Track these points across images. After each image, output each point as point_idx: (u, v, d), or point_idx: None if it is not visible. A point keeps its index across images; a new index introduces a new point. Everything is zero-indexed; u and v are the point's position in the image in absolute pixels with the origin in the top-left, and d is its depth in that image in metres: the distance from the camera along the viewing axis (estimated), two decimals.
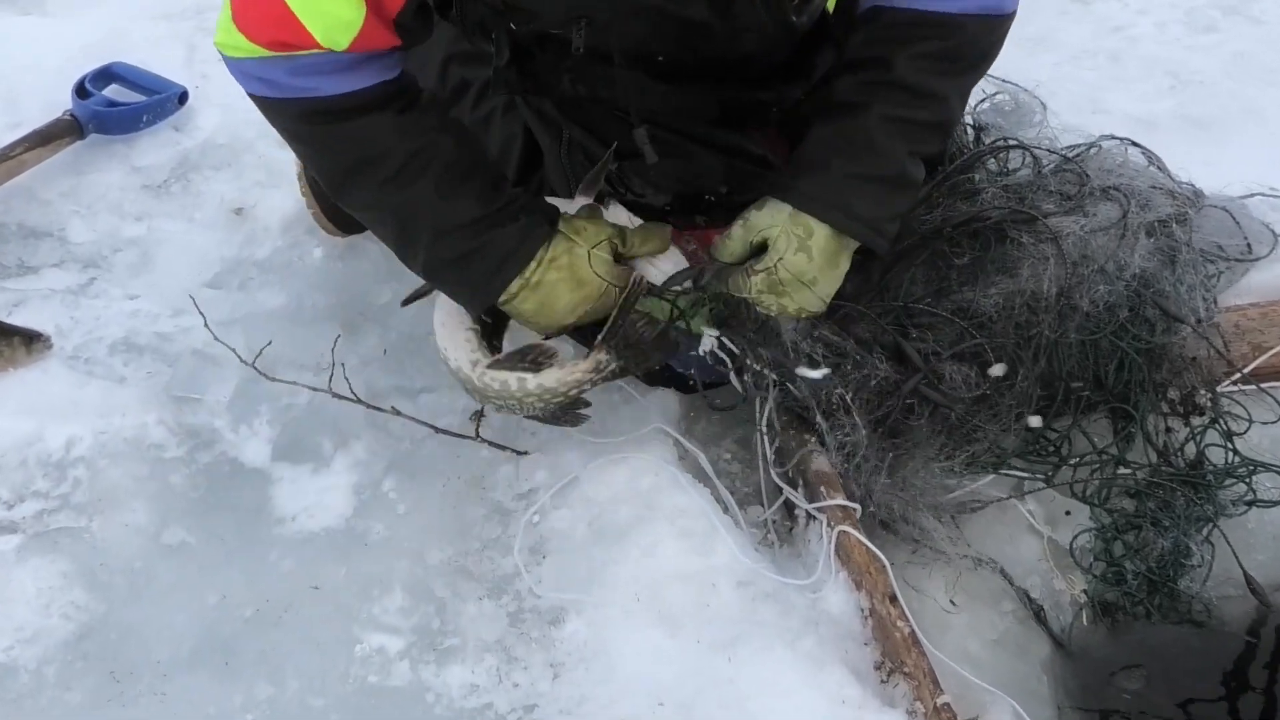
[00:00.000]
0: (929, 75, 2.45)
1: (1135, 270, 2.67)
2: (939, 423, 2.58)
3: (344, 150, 2.44)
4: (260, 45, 2.29)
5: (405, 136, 2.41)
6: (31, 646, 2.44)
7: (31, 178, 3.37)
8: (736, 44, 2.51)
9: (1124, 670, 2.48)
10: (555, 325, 2.50)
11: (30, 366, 2.88)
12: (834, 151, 2.45)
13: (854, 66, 2.49)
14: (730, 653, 2.39)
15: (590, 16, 2.40)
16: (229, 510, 2.69)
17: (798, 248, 2.44)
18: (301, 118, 2.42)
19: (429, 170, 2.41)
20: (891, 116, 2.43)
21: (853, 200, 2.44)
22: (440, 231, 2.43)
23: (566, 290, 2.45)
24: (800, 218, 2.44)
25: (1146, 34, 4.05)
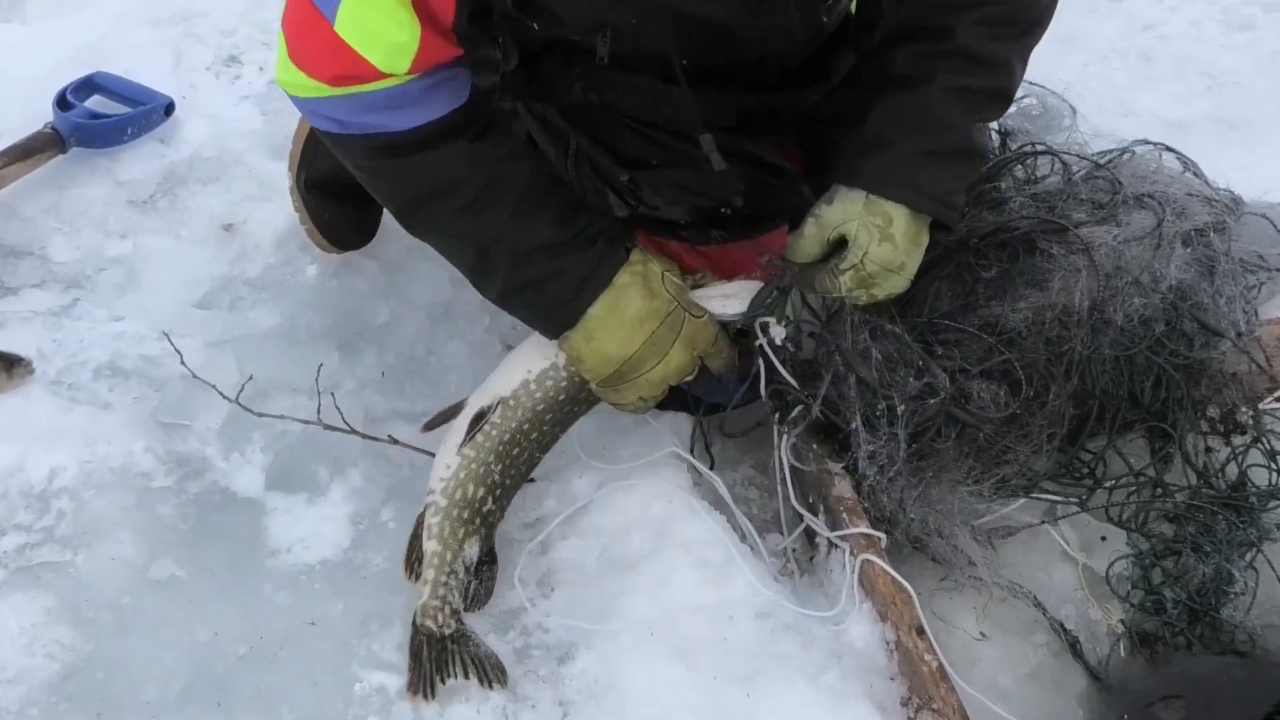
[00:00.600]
0: (990, 41, 2.48)
1: (1172, 282, 2.67)
2: (967, 444, 2.56)
3: (416, 182, 2.47)
4: (323, 81, 2.33)
5: (479, 165, 2.45)
6: (14, 687, 2.42)
7: (11, 194, 3.35)
8: (761, 47, 2.53)
9: (1163, 701, 2.46)
10: (620, 345, 2.51)
11: (11, 392, 2.87)
12: (898, 128, 2.48)
13: (910, 37, 2.51)
14: (749, 687, 2.39)
15: (616, 24, 2.42)
16: (220, 542, 2.68)
17: (880, 238, 2.46)
18: (370, 153, 2.45)
19: (505, 197, 2.45)
20: (954, 87, 2.47)
21: (922, 177, 2.47)
22: (518, 257, 2.47)
23: (638, 297, 2.49)
24: (876, 205, 2.46)
25: (1179, 32, 4.05)
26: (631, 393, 2.57)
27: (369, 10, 2.24)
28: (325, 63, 2.31)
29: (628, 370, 2.53)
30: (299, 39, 2.34)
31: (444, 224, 2.51)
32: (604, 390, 2.58)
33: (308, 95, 2.39)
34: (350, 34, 2.25)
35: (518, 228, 2.46)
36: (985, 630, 2.57)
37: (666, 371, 2.55)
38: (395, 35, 2.26)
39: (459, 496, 2.53)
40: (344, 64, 2.29)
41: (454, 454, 2.56)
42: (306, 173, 3.09)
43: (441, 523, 2.52)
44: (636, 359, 2.52)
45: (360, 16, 2.24)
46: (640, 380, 2.55)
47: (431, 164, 2.43)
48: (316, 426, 2.76)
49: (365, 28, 2.25)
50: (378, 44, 2.27)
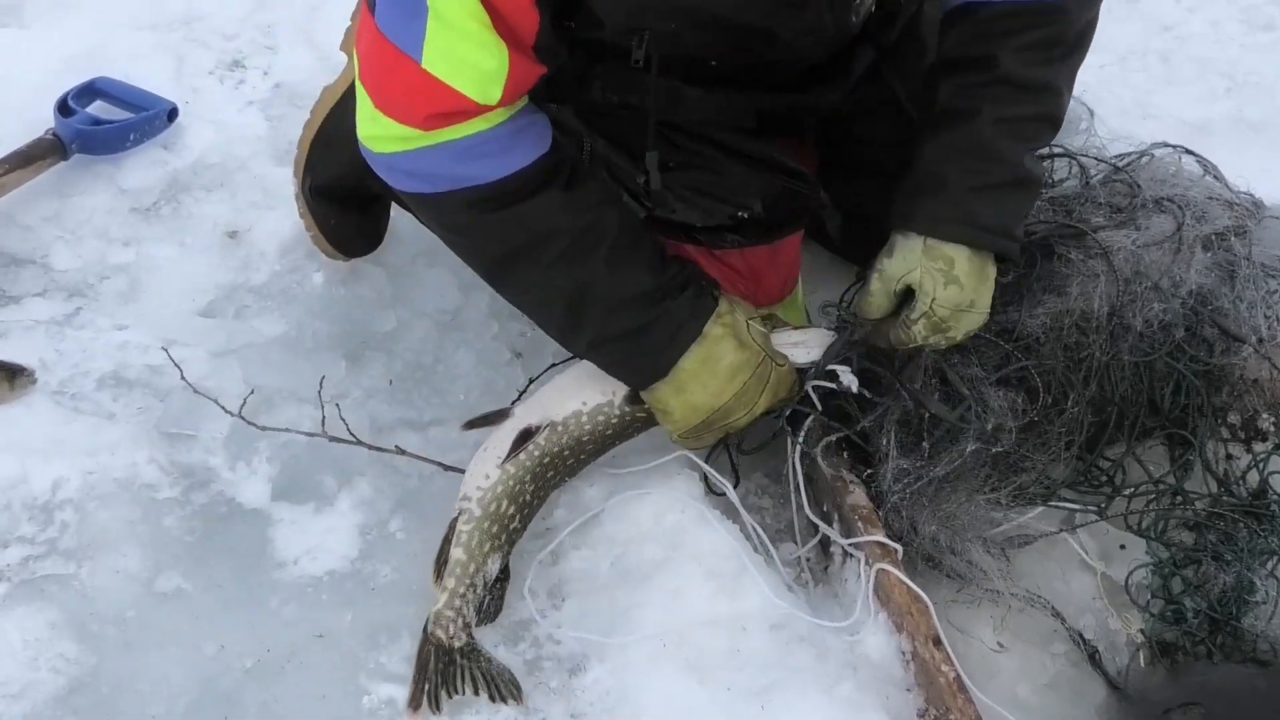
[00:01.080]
0: (1036, 66, 2.50)
1: (1191, 287, 2.68)
2: (984, 453, 2.58)
3: (509, 235, 2.48)
4: (415, 126, 2.33)
5: (573, 214, 2.47)
6: (18, 702, 2.44)
7: (11, 201, 3.37)
8: (793, 49, 2.56)
9: (1180, 709, 2.47)
10: (712, 395, 2.55)
11: (13, 403, 2.89)
12: (950, 165, 2.50)
13: (954, 68, 2.53)
14: (763, 700, 2.41)
15: (656, 28, 2.44)
16: (227, 554, 2.69)
17: (945, 282, 2.49)
18: (465, 208, 2.44)
19: (600, 246, 2.47)
20: (1004, 117, 2.48)
21: (978, 212, 2.49)
22: (613, 307, 2.49)
23: (731, 348, 2.53)
24: (935, 250, 2.49)
25: (1199, 32, 4.04)
26: (711, 439, 2.63)
27: (457, 40, 2.24)
28: (416, 104, 2.32)
29: (715, 420, 2.57)
30: (384, 85, 2.34)
31: (537, 276, 2.52)
32: (684, 439, 2.62)
33: (397, 149, 2.39)
34: (440, 68, 2.26)
35: (613, 276, 2.48)
36: (1003, 640, 2.58)
37: (750, 418, 2.60)
38: (485, 62, 2.27)
39: (493, 510, 2.55)
40: (436, 101, 2.30)
41: (495, 466, 2.58)
42: (312, 178, 3.10)
43: (472, 533, 2.53)
44: (725, 409, 2.55)
45: (448, 49, 2.25)
46: (722, 428, 2.60)
47: (528, 215, 2.44)
48: (325, 426, 2.78)
49: (455, 59, 2.26)
50: (469, 74, 2.28)
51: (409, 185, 2.46)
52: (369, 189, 2.90)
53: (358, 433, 2.78)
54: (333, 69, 3.19)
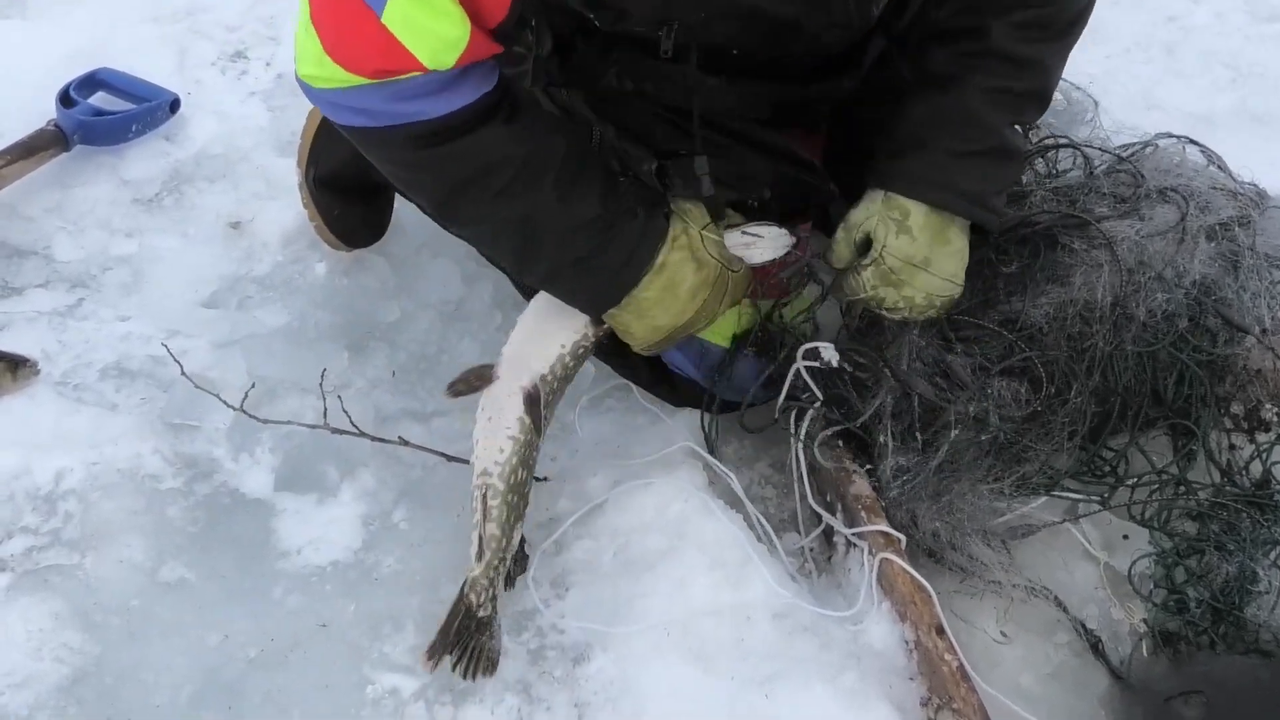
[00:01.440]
0: (1027, 43, 2.53)
1: (1195, 277, 2.69)
2: (987, 442, 2.59)
3: (455, 169, 2.47)
4: (362, 75, 2.33)
5: (517, 144, 2.46)
6: (22, 692, 2.45)
7: (13, 193, 3.39)
8: (819, 41, 2.57)
9: (1182, 697, 2.48)
10: (674, 316, 2.57)
11: (16, 394, 2.90)
12: (933, 129, 2.54)
13: (946, 37, 2.56)
14: (767, 689, 2.41)
15: (684, 19, 2.45)
16: (230, 544, 2.70)
17: (897, 231, 2.52)
18: (409, 143, 2.44)
19: (546, 175, 2.47)
20: (991, 88, 2.52)
21: (956, 177, 2.53)
22: (564, 234, 2.50)
23: (690, 271, 2.55)
24: (894, 200, 2.53)
25: (1204, 24, 4.05)
26: (670, 345, 2.66)
27: (420, 4, 2.24)
28: (368, 57, 2.31)
29: (676, 334, 2.60)
30: (340, 32, 2.32)
31: (485, 209, 2.51)
32: (645, 350, 2.65)
33: (338, 87, 2.38)
34: (399, 27, 2.25)
35: (561, 203, 2.48)
36: (1006, 630, 2.58)
37: (711, 329, 2.66)
38: (447, 31, 2.27)
39: (513, 481, 2.54)
40: (389, 58, 2.29)
41: (507, 438, 2.56)
42: (315, 169, 3.11)
43: (500, 507, 2.52)
44: (687, 324, 2.59)
45: (411, 11, 2.24)
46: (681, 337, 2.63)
47: (471, 145, 2.43)
48: (328, 417, 2.78)
49: (415, 22, 2.25)
50: (426, 39, 2.27)
51: (352, 120, 2.44)
52: (372, 180, 2.91)
53: (361, 423, 2.78)
54: None
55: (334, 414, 2.78)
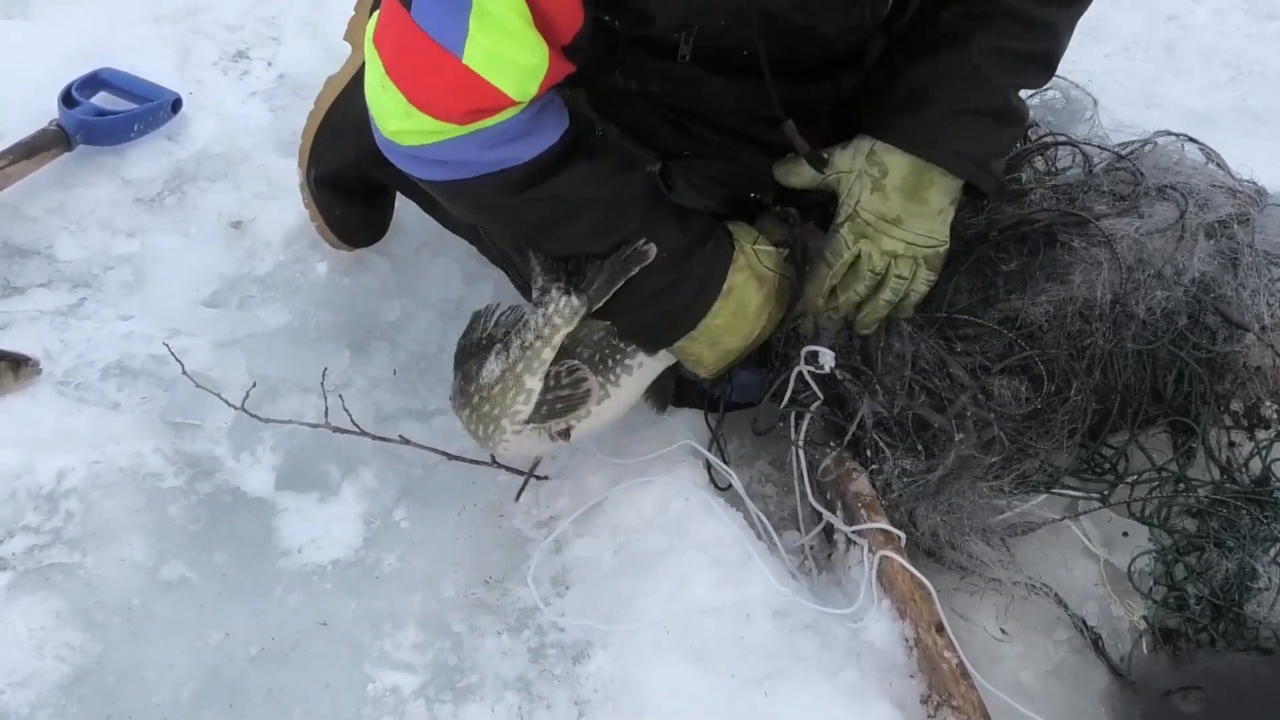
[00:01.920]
0: (1037, 3, 2.51)
1: (1194, 274, 2.69)
2: (987, 440, 2.59)
3: (543, 210, 2.48)
4: (453, 122, 2.32)
5: (602, 183, 2.48)
6: (23, 690, 2.45)
7: (16, 193, 3.39)
8: (832, 43, 2.60)
9: (1180, 692, 2.48)
10: (744, 338, 2.58)
11: (18, 393, 2.90)
12: (934, 85, 2.53)
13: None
14: (767, 687, 2.41)
15: (705, 24, 2.47)
16: (231, 543, 2.71)
17: (871, 188, 2.54)
18: (500, 190, 2.43)
19: (634, 209, 2.48)
20: (997, 48, 2.50)
21: (955, 136, 2.52)
22: (651, 267, 2.49)
23: (754, 290, 2.56)
24: (876, 156, 2.54)
25: (1204, 22, 4.05)
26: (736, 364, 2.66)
27: (499, 37, 2.23)
28: (456, 100, 2.30)
29: (745, 352, 2.62)
30: (421, 80, 2.31)
31: (578, 244, 2.53)
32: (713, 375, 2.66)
33: (427, 142, 2.37)
34: (482, 65, 2.25)
35: (651, 237, 2.49)
36: (1006, 627, 2.59)
37: (768, 334, 2.64)
38: (526, 59, 2.27)
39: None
40: (477, 98, 2.29)
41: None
42: (316, 169, 3.11)
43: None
44: (755, 342, 2.61)
45: (491, 46, 2.23)
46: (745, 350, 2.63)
47: (559, 189, 2.44)
48: (329, 416, 2.78)
49: (497, 56, 2.25)
50: (510, 71, 2.27)
51: (437, 174, 2.44)
52: (374, 180, 2.92)
53: (362, 422, 2.78)
54: (337, 59, 3.20)
55: (335, 413, 2.78)
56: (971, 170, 2.54)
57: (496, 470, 2.76)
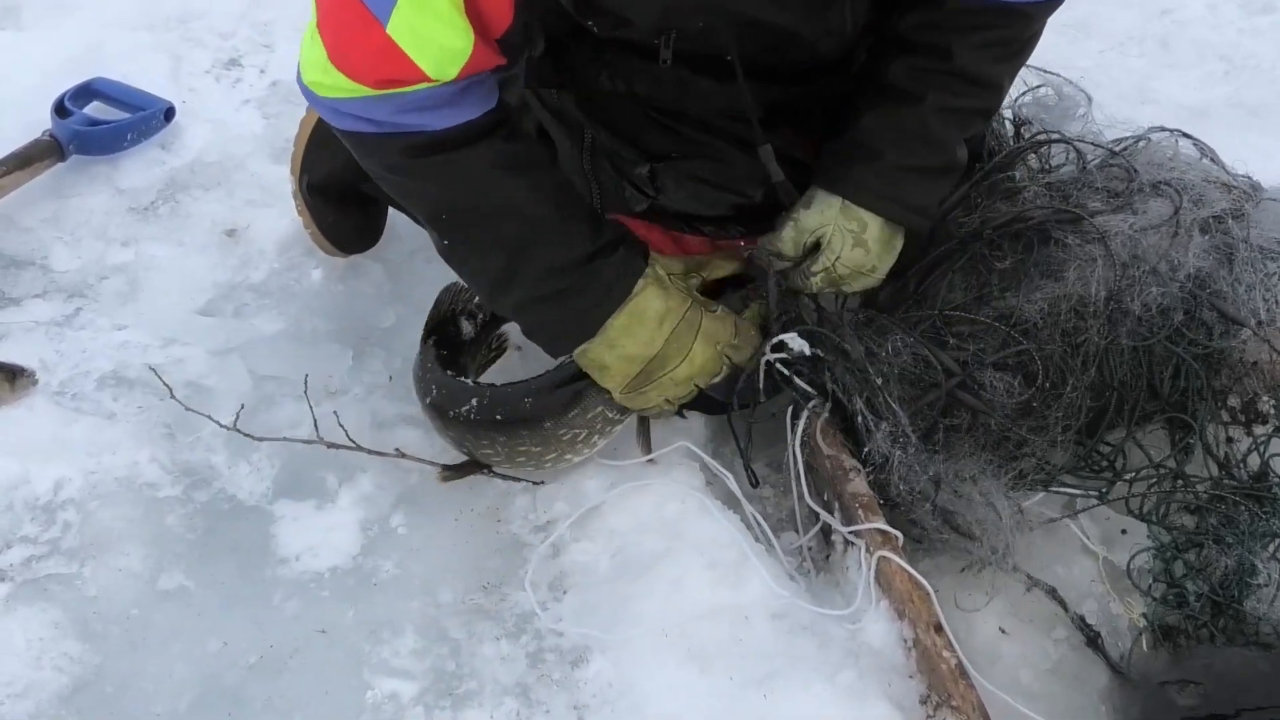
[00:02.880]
0: (988, 64, 2.58)
1: (1190, 270, 2.69)
2: (982, 436, 2.59)
3: (452, 183, 2.50)
4: (365, 85, 2.35)
5: (517, 169, 2.50)
6: (22, 701, 2.45)
7: (9, 203, 3.39)
8: (814, 48, 2.62)
9: (1178, 685, 2.48)
10: (643, 345, 2.57)
11: (14, 404, 2.91)
12: (887, 141, 2.58)
13: (909, 50, 2.59)
14: (766, 689, 2.41)
15: (683, 28, 2.50)
16: (229, 552, 2.71)
17: (854, 244, 2.59)
18: (406, 151, 2.46)
19: (545, 204, 2.51)
20: (947, 107, 2.57)
21: (905, 190, 2.59)
22: (553, 268, 2.52)
23: (655, 296, 2.55)
24: (852, 211, 2.59)
25: (1197, 17, 4.05)
26: (656, 393, 2.63)
27: (427, 16, 2.26)
28: (372, 66, 2.33)
29: (653, 369, 2.58)
30: (344, 41, 2.34)
31: (478, 228, 2.54)
32: (628, 396, 2.63)
33: (342, 96, 2.40)
34: (403, 38, 2.27)
35: (560, 235, 2.51)
36: (1005, 626, 2.59)
37: (691, 370, 2.61)
38: (451, 41, 2.29)
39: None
40: (393, 68, 2.31)
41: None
42: (309, 176, 3.11)
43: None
44: (661, 357, 2.57)
45: (416, 21, 2.26)
46: (665, 380, 2.60)
47: (469, 160, 2.46)
48: (324, 434, 2.78)
49: (420, 33, 2.27)
50: (430, 49, 2.29)
51: (353, 125, 2.46)
52: (365, 189, 2.93)
53: (358, 429, 2.80)
54: None
55: (329, 422, 2.78)
56: (916, 219, 2.65)
57: (493, 476, 2.77)
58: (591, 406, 2.65)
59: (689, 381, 2.62)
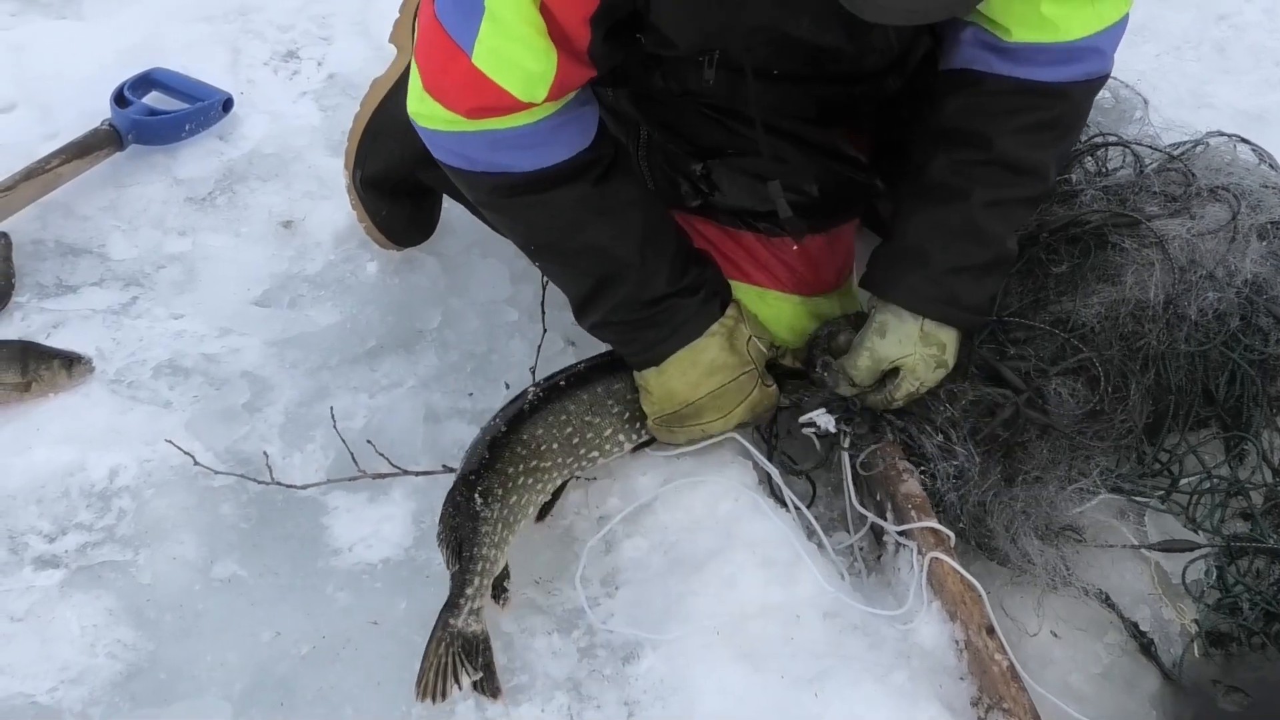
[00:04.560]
0: (1031, 149, 2.54)
1: (1247, 276, 2.68)
2: (1047, 445, 2.60)
3: (538, 222, 2.58)
4: (459, 114, 2.40)
5: (603, 212, 2.55)
6: (76, 687, 2.48)
7: (69, 192, 3.40)
8: (858, 63, 2.64)
9: (1226, 690, 2.46)
10: (689, 387, 2.61)
11: (71, 391, 2.93)
12: (936, 242, 2.57)
13: (950, 141, 2.57)
14: (817, 688, 2.41)
15: (726, 48, 2.54)
16: (282, 542, 2.72)
17: (936, 365, 2.60)
18: (495, 191, 2.53)
19: (629, 245, 2.56)
20: (995, 200, 2.54)
21: (959, 292, 2.58)
22: (629, 302, 2.58)
23: (717, 347, 2.61)
24: (931, 336, 2.58)
25: (1254, 21, 4.02)
26: (684, 436, 2.68)
27: (507, 40, 2.31)
28: (463, 95, 2.38)
29: (688, 415, 2.63)
30: (435, 71, 2.41)
31: (565, 260, 2.63)
32: (657, 426, 2.66)
33: (440, 128, 2.45)
34: (488, 65, 2.33)
35: (639, 274, 2.56)
36: (1056, 630, 2.57)
37: (724, 427, 2.66)
38: (532, 65, 2.33)
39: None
40: (483, 95, 2.36)
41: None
42: (363, 170, 3.12)
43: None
44: (699, 406, 2.62)
45: (498, 47, 2.31)
46: (696, 429, 2.65)
47: (554, 202, 2.51)
48: (379, 424, 2.84)
49: (504, 58, 2.32)
50: (516, 74, 2.34)
51: (448, 159, 2.52)
52: (419, 180, 2.93)
53: (411, 422, 2.87)
54: (386, 59, 3.20)
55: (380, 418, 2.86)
56: (971, 319, 2.64)
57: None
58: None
59: (721, 434, 2.68)
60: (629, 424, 2.70)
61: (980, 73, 2.50)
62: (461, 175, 2.54)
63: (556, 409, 2.66)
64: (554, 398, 2.67)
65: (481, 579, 2.50)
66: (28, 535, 2.70)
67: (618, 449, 2.71)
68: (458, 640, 2.43)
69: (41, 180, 3.33)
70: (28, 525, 2.72)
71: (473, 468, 2.58)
